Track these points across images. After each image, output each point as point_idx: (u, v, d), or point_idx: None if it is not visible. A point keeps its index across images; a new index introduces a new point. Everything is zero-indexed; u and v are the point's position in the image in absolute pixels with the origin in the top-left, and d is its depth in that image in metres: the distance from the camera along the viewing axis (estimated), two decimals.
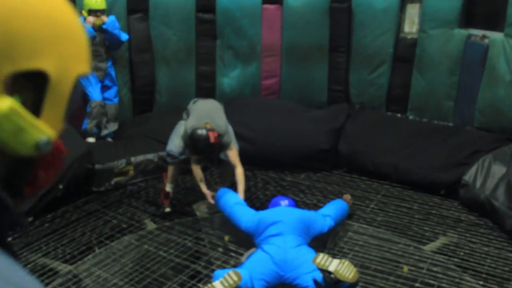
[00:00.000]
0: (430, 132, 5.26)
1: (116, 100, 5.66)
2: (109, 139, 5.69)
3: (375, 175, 5.14)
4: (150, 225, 4.40)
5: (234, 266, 3.60)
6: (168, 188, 4.47)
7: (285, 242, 3.38)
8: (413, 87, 5.71)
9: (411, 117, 5.72)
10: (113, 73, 5.61)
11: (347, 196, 4.34)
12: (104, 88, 5.56)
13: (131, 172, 5.12)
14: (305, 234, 3.56)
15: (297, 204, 4.34)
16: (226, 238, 4.11)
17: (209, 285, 2.93)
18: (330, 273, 2.96)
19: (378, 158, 5.12)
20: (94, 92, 5.45)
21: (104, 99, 5.56)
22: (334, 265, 2.96)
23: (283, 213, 3.67)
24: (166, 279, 3.62)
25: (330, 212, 3.89)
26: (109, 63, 5.56)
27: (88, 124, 5.49)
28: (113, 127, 5.69)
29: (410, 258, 3.79)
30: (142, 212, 4.63)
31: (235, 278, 2.92)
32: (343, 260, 2.99)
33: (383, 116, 5.72)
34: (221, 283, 2.89)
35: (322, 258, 3.00)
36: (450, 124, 5.47)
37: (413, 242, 4.02)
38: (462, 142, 4.99)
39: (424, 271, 3.64)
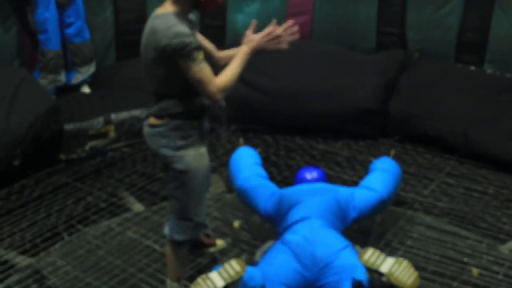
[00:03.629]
0: None
1: (87, 35, 5.58)
2: (86, 89, 5.67)
3: (437, 146, 5.10)
4: (137, 206, 4.41)
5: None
6: None
7: (312, 231, 3.33)
8: (494, 30, 5.58)
9: (489, 70, 5.62)
10: (80, 6, 5.49)
11: (391, 152, 4.20)
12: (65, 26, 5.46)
13: (112, 134, 5.13)
14: (338, 220, 3.51)
15: (330, 180, 4.28)
16: (236, 224, 4.09)
17: (204, 275, 2.93)
18: (381, 274, 2.92)
19: (442, 124, 5.05)
20: (53, 35, 5.31)
21: (69, 36, 5.45)
22: (388, 265, 2.92)
23: (310, 192, 3.61)
24: (158, 281, 3.58)
25: (377, 183, 3.77)
26: None
27: (42, 78, 5.39)
28: (88, 70, 5.64)
29: (482, 259, 3.74)
30: (126, 187, 4.63)
31: (237, 268, 2.91)
32: (400, 259, 2.93)
33: (451, 69, 5.63)
34: (219, 274, 2.91)
35: (372, 254, 2.95)
36: None
37: (486, 238, 3.97)
38: None
39: (500, 276, 3.58)
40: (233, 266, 2.92)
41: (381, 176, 3.84)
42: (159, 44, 2.79)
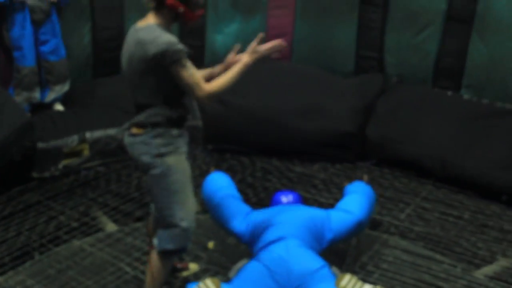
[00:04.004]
0: (491, 117, 5.23)
1: (62, 53, 5.61)
2: (59, 106, 5.68)
3: (414, 170, 5.13)
4: (110, 226, 4.39)
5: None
6: None
7: (288, 250, 3.34)
8: (471, 56, 5.68)
9: (466, 96, 5.69)
10: (56, 24, 5.52)
11: (364, 177, 4.25)
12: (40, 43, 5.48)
13: (86, 153, 5.13)
14: (315, 240, 3.52)
15: (306, 202, 4.31)
16: (211, 245, 4.09)
17: None
18: None
19: (419, 149, 5.10)
20: (28, 52, 5.34)
21: (44, 54, 5.48)
22: None
23: (285, 212, 3.63)
24: None
25: (352, 205, 3.79)
26: (53, 9, 5.46)
27: (16, 95, 5.41)
28: (62, 88, 5.66)
29: (456, 283, 3.76)
30: (100, 207, 4.61)
31: (212, 287, 2.95)
32: (378, 287, 2.95)
33: (429, 94, 5.70)
34: None
35: (349, 281, 2.98)
36: None
37: (461, 262, 4.00)
38: None
39: None
40: (208, 285, 2.94)
41: (356, 198, 3.87)
42: (148, 54, 2.90)
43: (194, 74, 2.96)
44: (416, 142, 5.14)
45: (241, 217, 3.70)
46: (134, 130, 3.08)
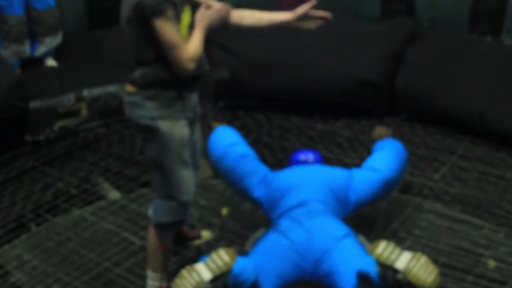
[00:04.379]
0: None
1: (51, 1, 5.52)
2: (51, 61, 5.62)
3: (449, 126, 5.11)
4: (113, 193, 4.40)
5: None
6: None
7: (310, 217, 3.29)
8: None
9: (507, 41, 5.60)
10: None
11: (382, 131, 4.10)
12: None
13: (84, 112, 5.15)
14: (339, 204, 3.47)
15: (329, 163, 4.28)
16: (224, 211, 4.08)
17: (189, 267, 2.93)
18: (396, 271, 2.88)
19: (455, 101, 5.04)
20: (15, 0, 5.26)
21: (31, 1, 5.39)
22: (405, 260, 2.88)
23: (306, 173, 3.59)
24: (136, 276, 3.55)
25: (378, 163, 3.72)
26: None
27: (4, 49, 5.34)
28: (53, 41, 5.58)
29: (498, 250, 3.71)
30: (101, 172, 4.64)
31: (226, 258, 2.91)
32: (418, 255, 2.89)
33: (465, 40, 5.63)
34: (206, 265, 2.91)
35: (385, 249, 2.92)
36: None
37: (503, 227, 3.93)
38: None
39: None
40: (222, 256, 2.91)
41: (384, 155, 3.81)
42: (133, 2, 2.81)
43: (178, 33, 2.84)
44: (451, 94, 5.08)
45: (258, 179, 3.64)
46: (128, 88, 3.03)
